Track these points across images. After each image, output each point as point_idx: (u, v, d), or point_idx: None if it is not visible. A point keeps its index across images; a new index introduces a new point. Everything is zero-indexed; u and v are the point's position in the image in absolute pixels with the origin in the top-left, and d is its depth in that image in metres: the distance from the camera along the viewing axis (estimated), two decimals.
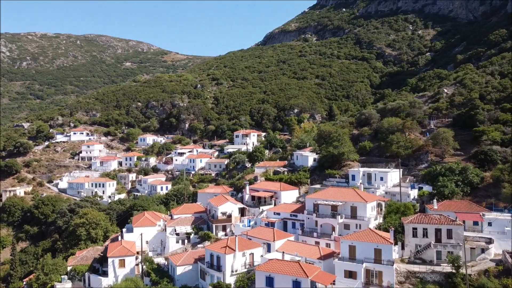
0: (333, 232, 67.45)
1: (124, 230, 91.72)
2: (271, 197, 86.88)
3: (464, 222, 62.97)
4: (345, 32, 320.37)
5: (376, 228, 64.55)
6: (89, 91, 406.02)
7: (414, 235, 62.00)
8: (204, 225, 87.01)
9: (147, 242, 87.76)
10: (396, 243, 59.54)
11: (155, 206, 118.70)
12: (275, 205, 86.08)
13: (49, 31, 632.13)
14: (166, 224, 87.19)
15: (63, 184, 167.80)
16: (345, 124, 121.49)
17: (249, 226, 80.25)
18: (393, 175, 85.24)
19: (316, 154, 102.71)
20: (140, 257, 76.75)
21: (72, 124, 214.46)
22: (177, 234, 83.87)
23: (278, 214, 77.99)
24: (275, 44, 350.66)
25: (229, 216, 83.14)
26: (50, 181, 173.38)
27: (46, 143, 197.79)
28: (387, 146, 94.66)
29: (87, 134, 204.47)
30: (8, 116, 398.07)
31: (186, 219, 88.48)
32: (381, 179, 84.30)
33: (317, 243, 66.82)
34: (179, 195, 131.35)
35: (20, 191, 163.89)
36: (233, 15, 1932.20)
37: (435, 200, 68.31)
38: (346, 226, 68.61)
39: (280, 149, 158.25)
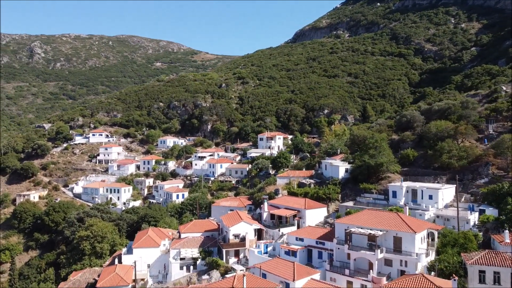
0: (371, 269, 52.50)
1: (123, 250, 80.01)
2: (294, 216, 72.57)
3: None
4: (380, 27, 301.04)
5: (428, 268, 49.19)
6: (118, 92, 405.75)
7: (481, 280, 46.23)
8: (215, 248, 73.80)
9: (148, 266, 75.64)
10: None
11: (166, 218, 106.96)
12: (298, 226, 71.71)
13: (82, 33, 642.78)
14: (171, 245, 74.62)
15: (78, 189, 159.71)
16: (382, 127, 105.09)
17: (266, 252, 66.36)
18: (446, 193, 68.97)
19: (349, 163, 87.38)
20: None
21: (92, 125, 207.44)
22: (182, 259, 71.07)
23: (301, 240, 63.63)
24: (305, 41, 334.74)
25: (243, 239, 69.54)
26: (65, 185, 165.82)
27: (65, 145, 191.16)
28: (436, 156, 78.23)
29: (107, 136, 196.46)
30: (42, 116, 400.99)
31: (194, 239, 75.59)
32: (430, 197, 68.22)
33: (349, 283, 52.18)
34: (195, 204, 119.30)
35: (35, 195, 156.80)
36: (263, 13, 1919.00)
37: (506, 231, 51.93)
38: (388, 262, 53.46)
39: (307, 154, 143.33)
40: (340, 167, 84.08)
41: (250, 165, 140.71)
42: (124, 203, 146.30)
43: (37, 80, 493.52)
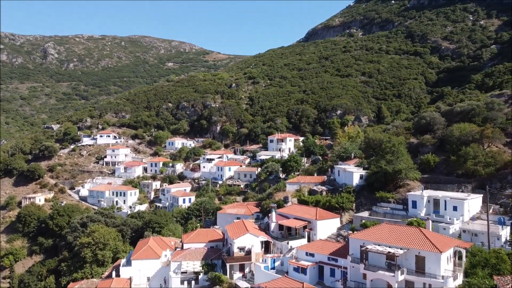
0: None
1: (122, 261, 75.37)
2: (304, 227, 66.90)
3: None
4: (395, 25, 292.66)
5: None
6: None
7: None
8: (219, 260, 68.59)
9: (148, 279, 70.81)
10: None
11: (171, 225, 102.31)
12: (309, 239, 66.03)
13: (95, 33, 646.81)
14: (171, 257, 69.69)
15: (84, 192, 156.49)
16: (399, 130, 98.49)
17: (273, 268, 60.90)
18: (472, 204, 62.56)
19: (363, 169, 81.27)
20: None
21: (100, 126, 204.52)
22: (184, 272, 66.03)
23: (312, 255, 57.95)
24: (317, 40, 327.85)
25: (248, 252, 64.18)
26: (72, 188, 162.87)
27: (72, 146, 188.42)
28: (459, 162, 71.70)
29: (114, 137, 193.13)
30: (54, 116, 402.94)
31: (197, 251, 70.51)
32: (454, 208, 61.88)
33: None
34: (201, 209, 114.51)
35: (40, 198, 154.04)
36: (275, 12, 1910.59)
37: None
38: (409, 285, 47.46)
39: (319, 157, 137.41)
40: (354, 173, 78.04)
41: (259, 169, 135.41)
42: (130, 207, 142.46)
43: (50, 80, 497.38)
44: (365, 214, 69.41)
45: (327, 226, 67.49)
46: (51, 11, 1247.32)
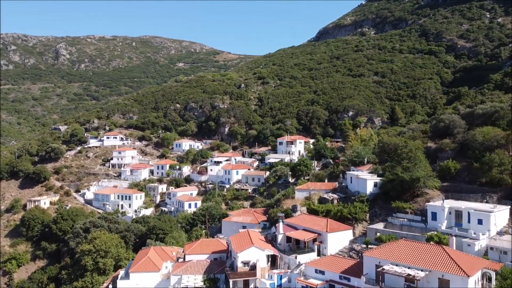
0: None
1: (121, 273, 71.28)
2: (314, 240, 61.97)
3: None
4: (408, 23, 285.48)
5: None
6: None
7: None
8: (222, 274, 64.05)
9: None
10: None
11: (174, 233, 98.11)
12: (318, 252, 61.12)
13: (107, 34, 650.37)
14: (172, 270, 65.38)
15: (89, 195, 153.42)
16: (416, 133, 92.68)
17: (280, 285, 56.17)
18: (499, 216, 56.93)
19: (378, 176, 75.92)
20: None
21: (107, 128, 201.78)
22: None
23: (322, 273, 53.03)
24: (328, 40, 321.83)
25: (253, 267, 59.50)
26: (77, 191, 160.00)
27: (79, 148, 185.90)
28: (483, 169, 65.98)
29: (121, 139, 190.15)
30: (65, 117, 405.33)
31: (199, 264, 66.08)
32: (479, 222, 56.29)
33: None
34: (207, 215, 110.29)
35: (45, 201, 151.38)
36: (286, 12, 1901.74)
37: None
38: None
39: (330, 161, 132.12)
40: (368, 181, 72.73)
41: (268, 172, 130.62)
42: (135, 211, 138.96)
43: (62, 81, 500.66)
44: (380, 226, 64.19)
45: (339, 239, 62.44)
46: (64, 11, 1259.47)
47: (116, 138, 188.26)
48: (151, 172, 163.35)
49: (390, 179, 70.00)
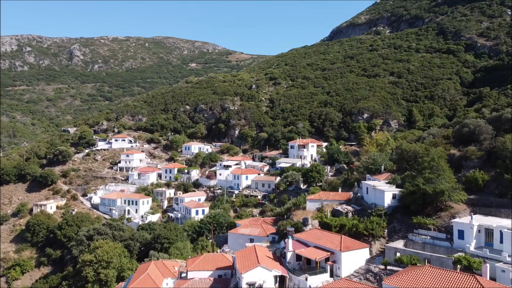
0: None
1: None
2: (326, 259, 56.28)
3: None
4: (425, 21, 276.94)
5: None
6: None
7: None
8: None
9: None
10: None
11: (179, 243, 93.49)
12: (331, 274, 55.43)
13: (120, 35, 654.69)
14: None
15: (96, 199, 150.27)
16: (437, 139, 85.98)
17: None
18: None
19: (396, 186, 69.80)
20: None
21: (116, 130, 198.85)
22: None
23: None
24: (342, 39, 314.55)
25: None
26: (84, 194, 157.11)
27: (87, 150, 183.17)
28: None
29: (130, 141, 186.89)
30: (79, 117, 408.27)
31: (202, 282, 60.98)
32: None
33: None
34: (215, 223, 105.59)
35: (52, 205, 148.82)
36: (299, 11, 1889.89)
37: None
38: None
39: (344, 166, 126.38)
40: (385, 193, 66.65)
41: (278, 178, 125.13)
42: (142, 217, 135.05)
43: (75, 82, 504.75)
44: (400, 244, 58.14)
45: (354, 258, 56.62)
46: (78, 12, 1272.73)
47: (124, 140, 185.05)
48: (159, 176, 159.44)
49: (411, 191, 63.83)
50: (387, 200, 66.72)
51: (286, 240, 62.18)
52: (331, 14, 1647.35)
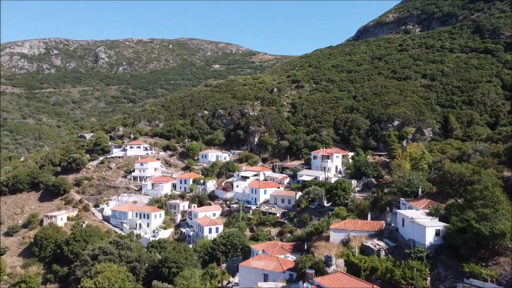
0: None
1: None
2: None
3: None
4: (459, 19, 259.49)
5: None
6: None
7: None
8: None
9: None
10: None
11: (186, 271, 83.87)
12: None
13: (144, 37, 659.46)
14: None
15: (107, 211, 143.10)
16: (486, 159, 72.95)
17: None
18: None
19: (439, 219, 57.72)
20: None
21: (132, 136, 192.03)
22: None
23: None
24: (369, 39, 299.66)
25: None
26: (96, 205, 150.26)
27: (101, 158, 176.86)
28: None
29: (145, 149, 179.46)
30: (103, 119, 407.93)
31: None
32: None
33: None
34: (228, 245, 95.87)
35: (62, 216, 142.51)
36: (324, 10, 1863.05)
37: None
38: None
39: (373, 180, 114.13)
40: (427, 228, 54.75)
41: (299, 193, 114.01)
42: (154, 231, 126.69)
43: (100, 84, 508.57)
44: None
45: None
46: (104, 15, 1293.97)
47: (139, 147, 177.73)
48: (174, 186, 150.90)
49: (460, 228, 51.79)
50: (429, 238, 54.75)
51: (304, 285, 51.42)
52: (357, 12, 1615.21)
